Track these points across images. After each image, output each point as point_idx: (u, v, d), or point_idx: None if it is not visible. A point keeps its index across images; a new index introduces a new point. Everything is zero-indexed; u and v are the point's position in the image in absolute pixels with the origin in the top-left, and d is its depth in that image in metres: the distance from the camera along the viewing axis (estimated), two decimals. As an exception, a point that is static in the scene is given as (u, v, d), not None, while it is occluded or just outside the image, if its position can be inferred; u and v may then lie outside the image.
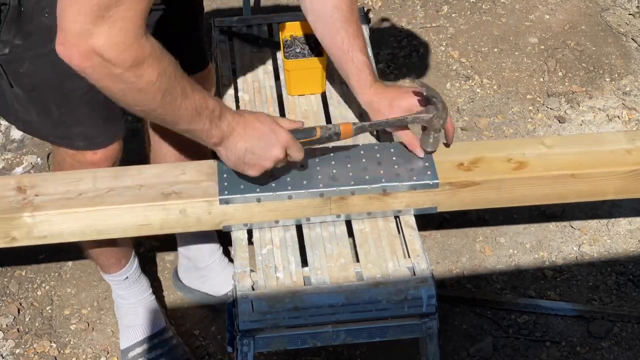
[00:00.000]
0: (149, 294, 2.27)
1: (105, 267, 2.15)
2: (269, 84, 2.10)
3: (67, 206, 1.70)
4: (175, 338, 2.27)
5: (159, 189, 1.74)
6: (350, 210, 1.78)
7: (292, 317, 1.65)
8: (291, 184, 1.74)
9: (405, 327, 1.72)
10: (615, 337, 2.31)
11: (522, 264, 2.52)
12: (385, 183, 1.75)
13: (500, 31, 3.30)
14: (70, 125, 1.78)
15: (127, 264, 2.16)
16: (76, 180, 1.75)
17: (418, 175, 1.77)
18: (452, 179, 1.77)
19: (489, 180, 1.79)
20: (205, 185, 1.75)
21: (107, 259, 2.11)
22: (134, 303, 2.24)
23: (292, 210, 1.76)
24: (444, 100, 1.76)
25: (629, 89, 3.04)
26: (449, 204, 1.81)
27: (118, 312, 2.29)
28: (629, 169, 1.81)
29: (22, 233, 1.71)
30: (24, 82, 1.70)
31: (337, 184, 1.75)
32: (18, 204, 1.70)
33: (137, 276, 2.21)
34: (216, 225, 1.77)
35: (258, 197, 1.73)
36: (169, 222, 1.74)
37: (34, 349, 2.33)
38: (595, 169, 1.81)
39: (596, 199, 1.87)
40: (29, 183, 1.75)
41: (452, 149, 1.84)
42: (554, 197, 1.86)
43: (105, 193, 1.72)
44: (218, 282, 2.38)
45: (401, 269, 1.71)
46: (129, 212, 1.71)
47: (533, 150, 1.84)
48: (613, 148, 1.85)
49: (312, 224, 1.80)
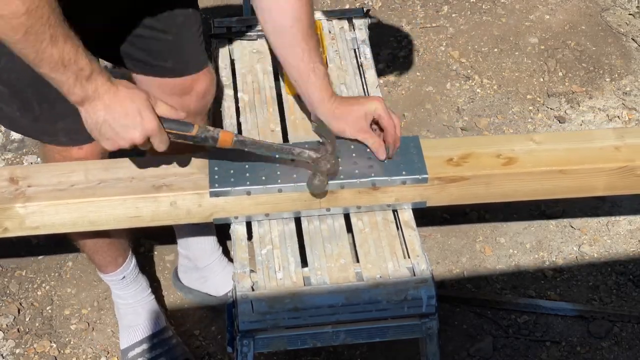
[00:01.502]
0: (149, 294, 2.27)
1: (102, 267, 2.14)
2: (269, 85, 2.10)
3: (59, 197, 1.72)
4: (175, 338, 2.27)
5: (150, 181, 1.75)
6: (340, 204, 1.79)
7: (292, 317, 1.66)
8: (281, 178, 1.75)
9: (405, 328, 1.72)
10: (616, 337, 2.31)
11: (522, 264, 2.52)
12: (375, 177, 1.76)
13: (500, 31, 3.30)
14: (52, 121, 1.77)
15: (124, 263, 2.15)
16: (68, 171, 1.77)
17: (407, 170, 1.78)
18: (441, 173, 1.79)
19: (478, 176, 1.80)
20: (196, 177, 1.76)
21: (103, 257, 2.10)
22: (132, 303, 2.23)
23: (282, 203, 1.77)
24: (335, 146, 1.71)
25: (629, 89, 3.04)
26: (437, 199, 1.82)
27: (118, 312, 2.28)
28: (618, 166, 1.82)
29: (14, 224, 1.73)
30: (3, 78, 1.70)
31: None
32: (11, 194, 1.72)
33: (135, 275, 2.20)
34: (206, 217, 1.78)
35: (248, 190, 1.74)
36: (159, 215, 1.76)
37: (34, 349, 2.34)
38: (583, 165, 1.82)
39: (585, 195, 1.89)
40: (21, 174, 1.77)
41: (442, 144, 1.86)
42: (543, 193, 1.87)
43: (96, 185, 1.74)
44: (218, 282, 2.38)
45: (401, 269, 1.71)
46: (120, 204, 1.73)
47: (522, 147, 1.85)
48: (602, 145, 1.86)
49: (312, 225, 1.80)
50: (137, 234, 2.56)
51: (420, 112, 2.99)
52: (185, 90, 1.94)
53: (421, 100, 3.03)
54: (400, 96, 3.06)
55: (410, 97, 3.05)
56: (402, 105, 3.02)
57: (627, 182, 1.85)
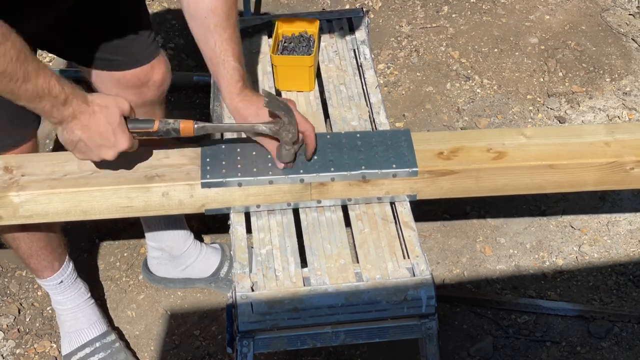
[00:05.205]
0: (87, 298, 2.25)
1: (38, 272, 2.13)
2: (268, 85, 2.10)
3: (53, 187, 1.73)
4: (118, 341, 2.26)
5: (142, 172, 1.77)
6: (331, 196, 1.80)
7: (292, 318, 1.66)
8: (272, 169, 1.77)
9: (404, 328, 1.72)
10: (616, 337, 2.31)
11: (522, 264, 2.52)
12: (365, 170, 1.77)
13: (500, 31, 3.30)
14: None
15: (61, 267, 2.14)
16: (62, 161, 1.78)
17: (397, 163, 1.79)
18: (431, 167, 1.79)
19: (468, 170, 1.81)
20: (188, 168, 1.78)
21: (39, 262, 2.09)
22: (72, 308, 2.22)
23: (273, 195, 1.79)
24: (292, 114, 1.72)
25: (629, 89, 3.04)
26: (427, 192, 1.83)
27: (58, 319, 2.27)
28: (607, 161, 1.82)
29: (7, 212, 1.74)
30: None
31: (318, 170, 1.77)
32: (4, 183, 1.74)
33: (72, 280, 2.19)
34: (198, 208, 1.80)
35: (239, 181, 1.75)
36: (151, 205, 1.77)
37: (35, 349, 2.34)
38: (573, 160, 1.82)
39: (575, 190, 1.89)
40: (15, 163, 1.78)
41: (433, 137, 1.87)
42: (533, 188, 1.87)
43: (89, 174, 1.76)
44: (199, 265, 2.40)
45: (400, 269, 1.71)
46: (113, 193, 1.75)
47: (512, 141, 1.85)
48: (592, 140, 1.87)
49: (311, 225, 1.80)
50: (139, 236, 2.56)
51: (420, 112, 2.99)
52: (142, 81, 1.98)
53: (421, 100, 3.03)
54: (400, 96, 3.06)
55: (410, 97, 3.05)
56: (402, 105, 3.02)
57: (617, 178, 1.85)
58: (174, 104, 2.98)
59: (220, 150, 1.81)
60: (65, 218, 1.78)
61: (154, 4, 3.52)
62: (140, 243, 2.57)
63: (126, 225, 2.58)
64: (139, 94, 1.99)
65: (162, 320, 2.40)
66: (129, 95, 1.96)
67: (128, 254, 2.56)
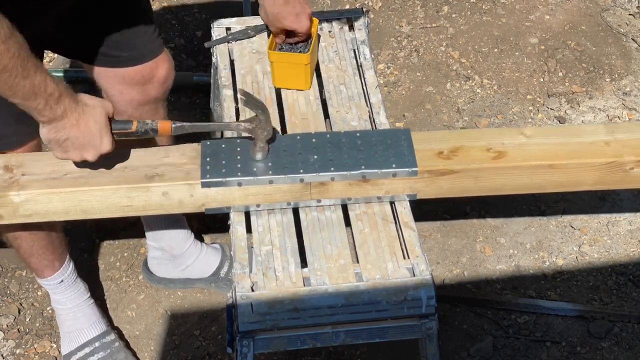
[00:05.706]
0: (87, 298, 2.25)
1: (38, 271, 2.14)
2: (268, 85, 2.10)
3: (53, 186, 1.73)
4: (117, 341, 2.27)
5: (142, 171, 1.77)
6: (330, 195, 1.80)
7: (292, 318, 1.66)
8: (272, 169, 1.77)
9: (404, 328, 1.72)
10: (616, 337, 2.31)
11: (522, 264, 2.52)
12: (365, 170, 1.78)
13: (500, 31, 3.30)
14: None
15: (62, 267, 2.15)
16: (62, 160, 1.77)
17: (397, 163, 1.79)
18: (431, 167, 1.79)
19: (467, 169, 1.81)
20: (188, 168, 1.78)
21: (40, 261, 2.10)
22: (72, 308, 2.22)
23: (273, 194, 1.79)
24: (267, 113, 1.76)
25: (629, 89, 3.04)
26: (427, 192, 1.83)
27: (58, 319, 2.28)
28: (607, 161, 1.82)
29: (8, 211, 1.75)
30: None
31: (318, 170, 1.77)
32: (5, 182, 1.74)
33: (73, 280, 2.20)
34: (198, 207, 1.80)
35: (239, 181, 1.76)
36: (151, 204, 1.78)
37: (35, 349, 2.34)
38: (573, 160, 1.82)
39: (574, 189, 1.89)
40: (16, 162, 1.78)
41: (433, 137, 1.87)
42: (532, 187, 1.87)
43: (90, 174, 1.76)
44: (199, 265, 2.40)
45: (400, 269, 1.71)
46: (113, 193, 1.75)
47: (512, 140, 1.85)
48: (592, 140, 1.87)
49: (311, 225, 1.80)
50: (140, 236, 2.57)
51: (420, 112, 2.99)
52: (146, 78, 1.99)
53: (421, 101, 3.03)
54: (400, 96, 3.06)
55: (410, 97, 3.05)
56: (402, 105, 3.02)
57: (616, 178, 1.85)
58: (174, 104, 2.98)
59: (220, 149, 1.81)
60: (65, 217, 1.78)
61: (154, 3, 3.52)
62: (140, 243, 2.57)
63: (126, 225, 2.58)
64: (143, 91, 2.00)
65: (162, 320, 2.40)
66: (133, 93, 1.98)
67: (128, 254, 2.56)
